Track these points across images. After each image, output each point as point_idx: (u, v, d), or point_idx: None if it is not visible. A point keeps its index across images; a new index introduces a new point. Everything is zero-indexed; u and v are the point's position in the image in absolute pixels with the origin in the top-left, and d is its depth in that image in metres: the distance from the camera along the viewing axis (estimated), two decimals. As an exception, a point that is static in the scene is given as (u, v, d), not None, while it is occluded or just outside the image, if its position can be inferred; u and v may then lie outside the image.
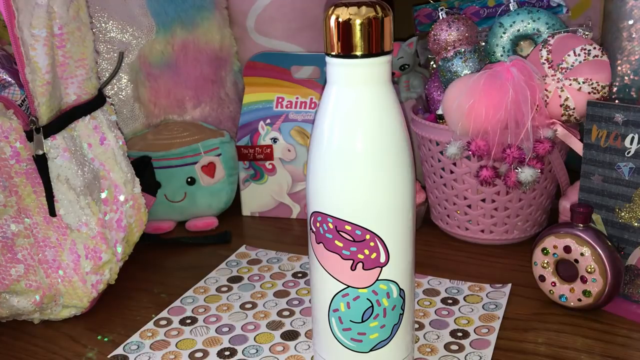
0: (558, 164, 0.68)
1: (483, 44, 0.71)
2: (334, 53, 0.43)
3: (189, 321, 0.60)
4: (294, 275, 0.68)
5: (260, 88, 0.83)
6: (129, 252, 0.65)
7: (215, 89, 0.86)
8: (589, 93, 0.62)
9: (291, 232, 0.80)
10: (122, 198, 0.62)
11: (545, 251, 0.59)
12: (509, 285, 0.63)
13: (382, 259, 0.45)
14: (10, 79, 0.59)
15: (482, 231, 0.72)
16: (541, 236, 0.60)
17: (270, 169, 0.82)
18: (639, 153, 0.56)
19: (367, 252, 0.44)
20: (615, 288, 0.56)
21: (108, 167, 0.62)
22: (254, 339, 0.57)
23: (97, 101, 0.62)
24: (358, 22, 0.41)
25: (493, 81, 0.61)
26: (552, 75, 0.63)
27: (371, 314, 0.46)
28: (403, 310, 0.47)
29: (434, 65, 0.75)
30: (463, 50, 0.68)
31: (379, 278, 0.45)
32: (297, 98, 0.82)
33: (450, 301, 0.61)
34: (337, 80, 0.43)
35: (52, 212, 0.57)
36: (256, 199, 0.84)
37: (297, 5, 0.85)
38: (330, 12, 0.42)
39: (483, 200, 0.70)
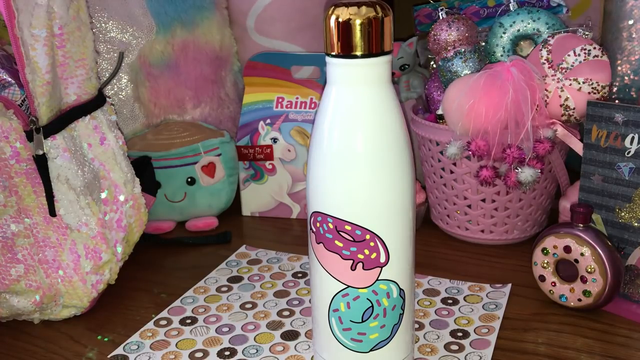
0: (558, 164, 0.68)
1: (483, 44, 0.71)
2: (334, 53, 0.43)
3: (189, 321, 0.60)
4: (294, 275, 0.68)
5: (260, 88, 0.83)
6: (129, 252, 0.65)
7: (215, 89, 0.86)
8: (589, 93, 0.62)
9: (291, 232, 0.80)
10: (122, 198, 0.62)
11: (545, 251, 0.59)
12: (509, 285, 0.63)
13: (382, 259, 0.45)
14: (10, 79, 0.59)
15: (482, 231, 0.72)
16: (541, 236, 0.60)
17: (270, 169, 0.82)
18: (639, 153, 0.56)
19: (367, 252, 0.44)
20: (615, 288, 0.56)
21: (108, 167, 0.62)
22: (254, 339, 0.57)
23: (97, 101, 0.62)
24: (358, 22, 0.41)
25: (493, 81, 0.61)
26: (552, 75, 0.63)
27: (371, 314, 0.46)
28: (403, 310, 0.47)
29: (434, 65, 0.75)
30: (463, 50, 0.68)
31: (379, 278, 0.45)
32: (297, 98, 0.82)
33: (450, 301, 0.61)
34: (337, 80, 0.43)
35: (52, 212, 0.57)
36: (256, 199, 0.84)
37: (297, 5, 0.85)
38: (330, 12, 0.42)
39: (483, 200, 0.70)
